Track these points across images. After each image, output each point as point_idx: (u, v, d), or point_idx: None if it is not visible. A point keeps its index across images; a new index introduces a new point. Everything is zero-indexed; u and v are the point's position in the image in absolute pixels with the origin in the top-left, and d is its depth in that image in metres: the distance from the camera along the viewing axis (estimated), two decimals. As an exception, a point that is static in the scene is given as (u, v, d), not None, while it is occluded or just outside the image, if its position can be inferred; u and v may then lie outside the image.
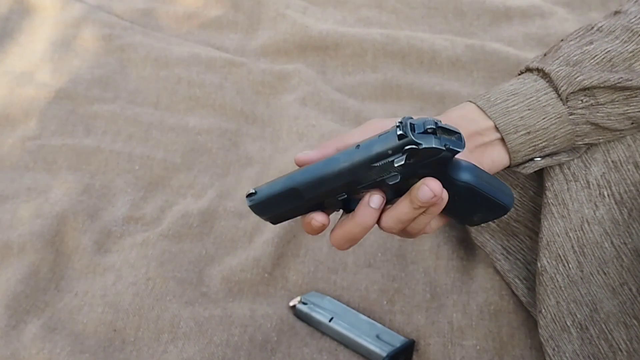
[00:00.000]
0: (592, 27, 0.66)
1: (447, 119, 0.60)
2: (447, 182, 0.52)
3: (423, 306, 0.81)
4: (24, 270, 0.83)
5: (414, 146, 0.48)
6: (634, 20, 0.63)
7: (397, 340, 0.75)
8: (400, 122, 0.49)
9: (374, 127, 0.57)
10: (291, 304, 0.80)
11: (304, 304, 0.79)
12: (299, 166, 0.55)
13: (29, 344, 0.76)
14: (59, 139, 1.01)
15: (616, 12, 0.67)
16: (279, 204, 0.55)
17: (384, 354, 0.72)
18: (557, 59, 0.64)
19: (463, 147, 0.50)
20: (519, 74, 0.66)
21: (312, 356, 0.76)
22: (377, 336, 0.75)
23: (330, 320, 0.77)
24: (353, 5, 1.32)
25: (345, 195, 0.53)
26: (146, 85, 1.12)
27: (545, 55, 0.66)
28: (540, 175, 0.69)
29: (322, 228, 0.55)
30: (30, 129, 1.02)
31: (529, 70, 0.65)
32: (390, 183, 0.51)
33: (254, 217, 0.91)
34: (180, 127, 1.05)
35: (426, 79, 1.15)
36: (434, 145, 0.48)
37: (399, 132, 0.48)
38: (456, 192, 0.53)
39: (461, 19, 1.30)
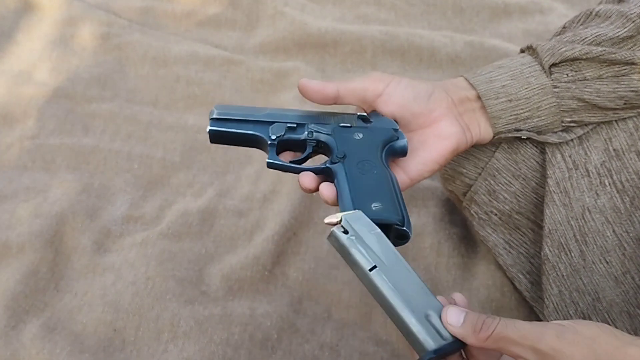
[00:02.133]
0: (591, 13, 0.67)
1: (441, 85, 0.65)
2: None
3: (424, 303, 0.81)
4: (23, 271, 0.82)
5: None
6: (633, 7, 0.64)
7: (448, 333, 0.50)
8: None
9: (374, 78, 0.62)
10: (326, 221, 0.56)
11: (345, 232, 0.54)
12: (300, 90, 0.63)
13: (28, 344, 0.75)
14: (58, 138, 1.01)
15: (620, 1, 0.67)
16: (243, 111, 0.64)
17: (431, 348, 0.48)
18: (549, 40, 0.66)
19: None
20: None
21: (313, 353, 0.76)
22: (427, 317, 0.50)
23: (371, 270, 0.52)
24: (352, 2, 1.32)
25: (295, 125, 0.63)
26: (145, 83, 1.12)
27: None
28: (542, 166, 0.69)
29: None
30: (28, 128, 1.02)
31: (522, 51, 0.68)
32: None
33: (254, 216, 0.91)
34: (179, 126, 1.05)
35: (425, 75, 1.14)
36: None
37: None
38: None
39: (460, 16, 1.29)
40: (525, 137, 0.66)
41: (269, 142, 0.62)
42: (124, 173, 0.97)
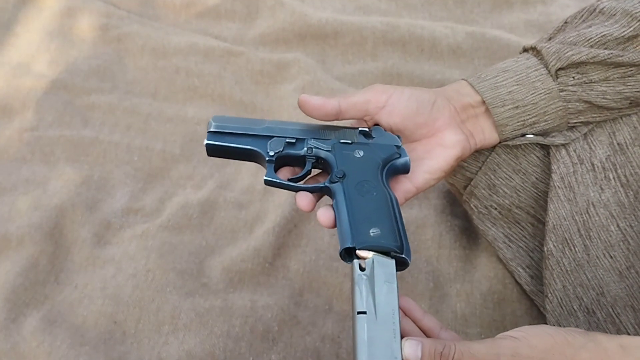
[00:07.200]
0: (595, 9, 0.66)
1: (443, 92, 0.64)
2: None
3: (426, 295, 0.81)
4: (23, 263, 0.82)
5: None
6: (637, 4, 0.63)
7: None
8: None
9: (376, 90, 0.61)
10: (360, 253, 0.55)
11: (362, 269, 0.54)
12: (300, 106, 0.61)
13: (28, 337, 0.75)
14: (57, 130, 1.00)
15: None
16: (241, 124, 0.62)
17: None
18: (553, 40, 0.65)
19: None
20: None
21: (315, 345, 0.76)
22: None
23: (359, 313, 0.53)
24: (352, -7, 1.31)
25: (294, 141, 0.61)
26: (144, 75, 1.11)
27: (550, 38, 0.66)
28: (543, 161, 0.69)
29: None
30: (27, 120, 1.02)
31: (525, 50, 0.67)
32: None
33: (254, 208, 0.91)
34: (179, 118, 1.04)
35: (427, 67, 1.14)
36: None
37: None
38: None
39: (462, 6, 1.29)
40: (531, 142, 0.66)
41: (267, 159, 0.60)
42: (124, 165, 0.97)
